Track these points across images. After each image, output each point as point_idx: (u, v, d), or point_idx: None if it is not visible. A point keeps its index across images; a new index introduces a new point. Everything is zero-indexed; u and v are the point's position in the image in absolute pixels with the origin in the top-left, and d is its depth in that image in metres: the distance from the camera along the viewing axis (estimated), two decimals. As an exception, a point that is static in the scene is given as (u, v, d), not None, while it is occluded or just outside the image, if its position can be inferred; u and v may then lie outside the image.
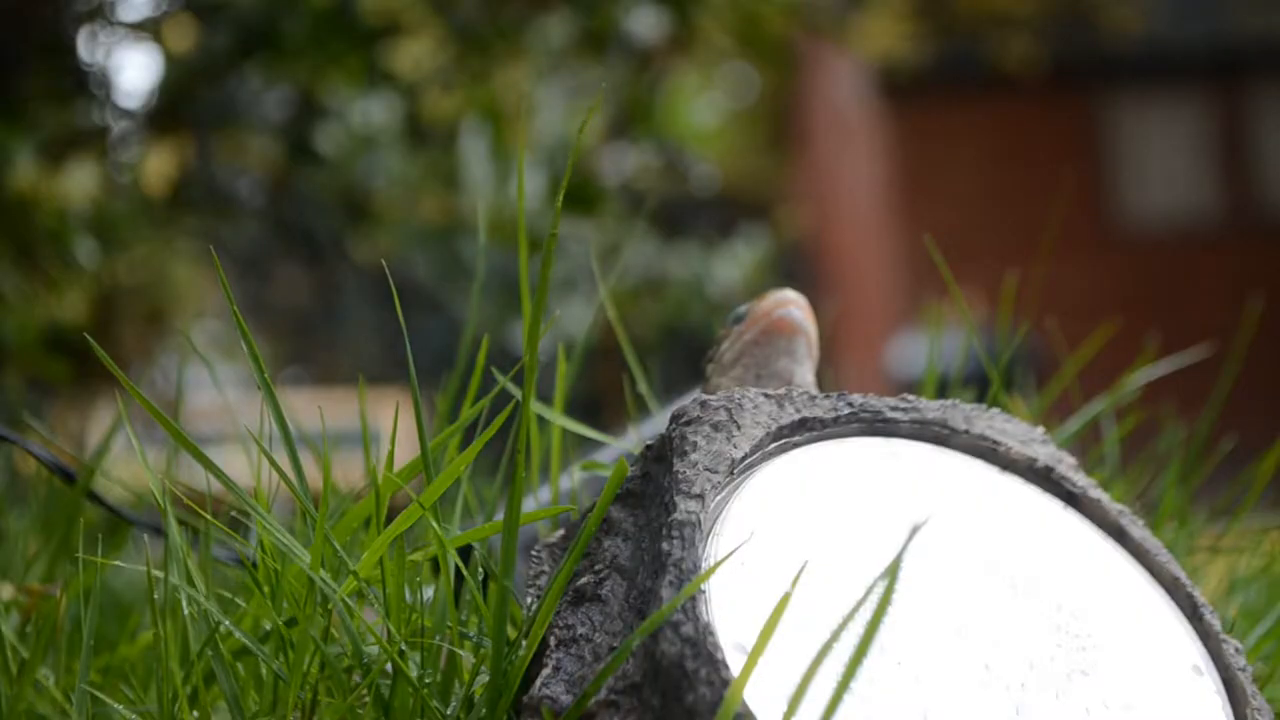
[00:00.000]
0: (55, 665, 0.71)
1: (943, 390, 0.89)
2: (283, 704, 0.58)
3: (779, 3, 2.77)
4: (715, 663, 0.50)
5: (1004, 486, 0.62)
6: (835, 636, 0.48)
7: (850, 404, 0.62)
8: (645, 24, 2.68)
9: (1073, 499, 0.63)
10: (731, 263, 3.06)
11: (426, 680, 0.58)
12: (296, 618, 0.60)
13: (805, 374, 0.71)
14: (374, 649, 0.60)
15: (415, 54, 2.69)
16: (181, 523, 0.65)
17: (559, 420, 0.74)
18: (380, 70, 2.43)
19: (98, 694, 0.63)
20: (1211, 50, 8.97)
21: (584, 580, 0.56)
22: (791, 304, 0.71)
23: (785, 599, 0.49)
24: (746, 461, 0.58)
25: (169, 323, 3.22)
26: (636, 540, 0.57)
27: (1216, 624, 0.60)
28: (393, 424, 0.64)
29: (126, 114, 2.63)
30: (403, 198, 2.54)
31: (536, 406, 0.68)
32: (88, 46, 2.56)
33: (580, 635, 0.55)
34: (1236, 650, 0.59)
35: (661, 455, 0.59)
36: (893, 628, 0.54)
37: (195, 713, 0.60)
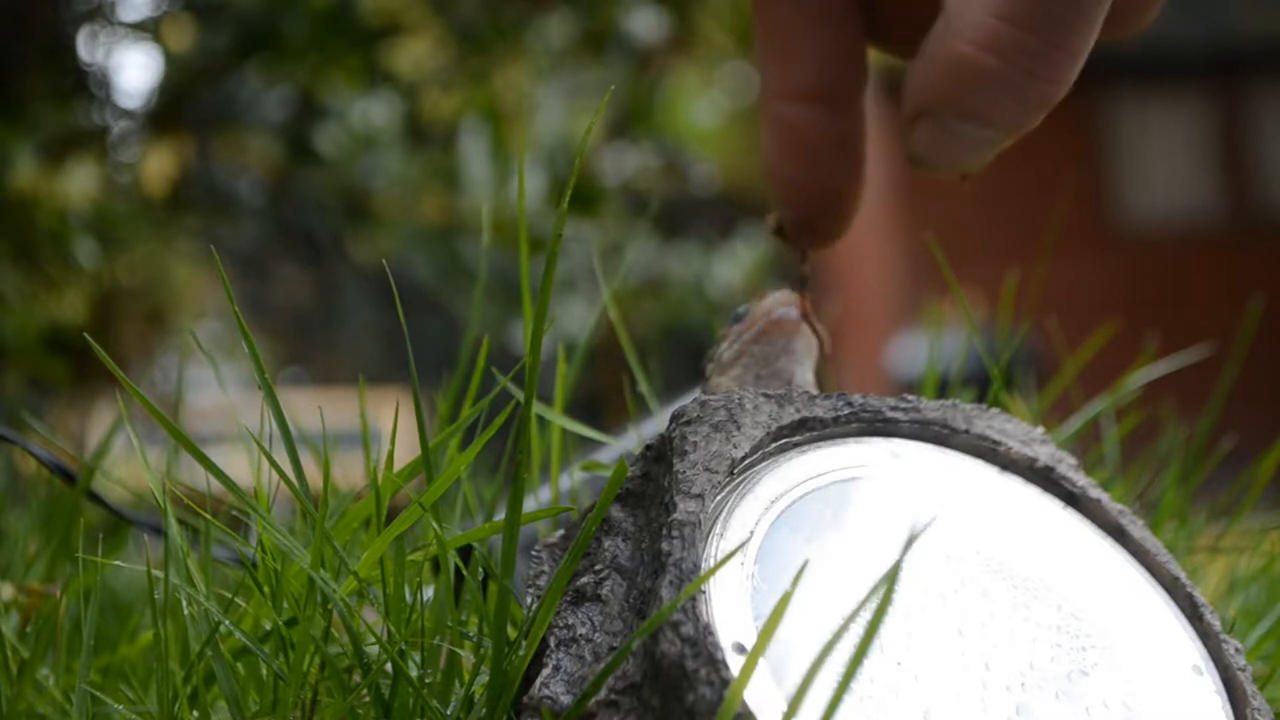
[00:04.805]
0: (55, 665, 0.71)
1: (943, 390, 0.89)
2: (283, 704, 0.58)
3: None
4: (715, 663, 0.50)
5: (1004, 486, 0.62)
6: (836, 637, 0.48)
7: (850, 404, 0.62)
8: (645, 24, 2.68)
9: (1073, 499, 0.63)
10: (731, 263, 3.06)
11: (426, 680, 0.58)
12: (296, 618, 0.60)
13: (805, 373, 0.70)
14: (374, 649, 0.60)
15: (415, 54, 2.69)
16: (181, 523, 0.65)
17: (557, 419, 0.74)
18: (380, 70, 2.44)
19: (98, 694, 0.63)
20: (1211, 50, 8.98)
21: (584, 580, 0.56)
22: (789, 304, 0.70)
23: (785, 599, 0.49)
24: (746, 461, 0.58)
25: (169, 323, 3.22)
26: (636, 540, 0.57)
27: (1216, 624, 0.60)
28: (393, 424, 0.64)
29: (126, 114, 2.63)
30: (403, 198, 2.54)
31: (537, 407, 0.68)
32: (88, 46, 2.57)
33: (580, 635, 0.55)
34: (1236, 650, 0.59)
35: (661, 455, 0.59)
36: (893, 628, 0.54)
37: (195, 713, 0.60)
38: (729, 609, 0.52)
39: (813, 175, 0.67)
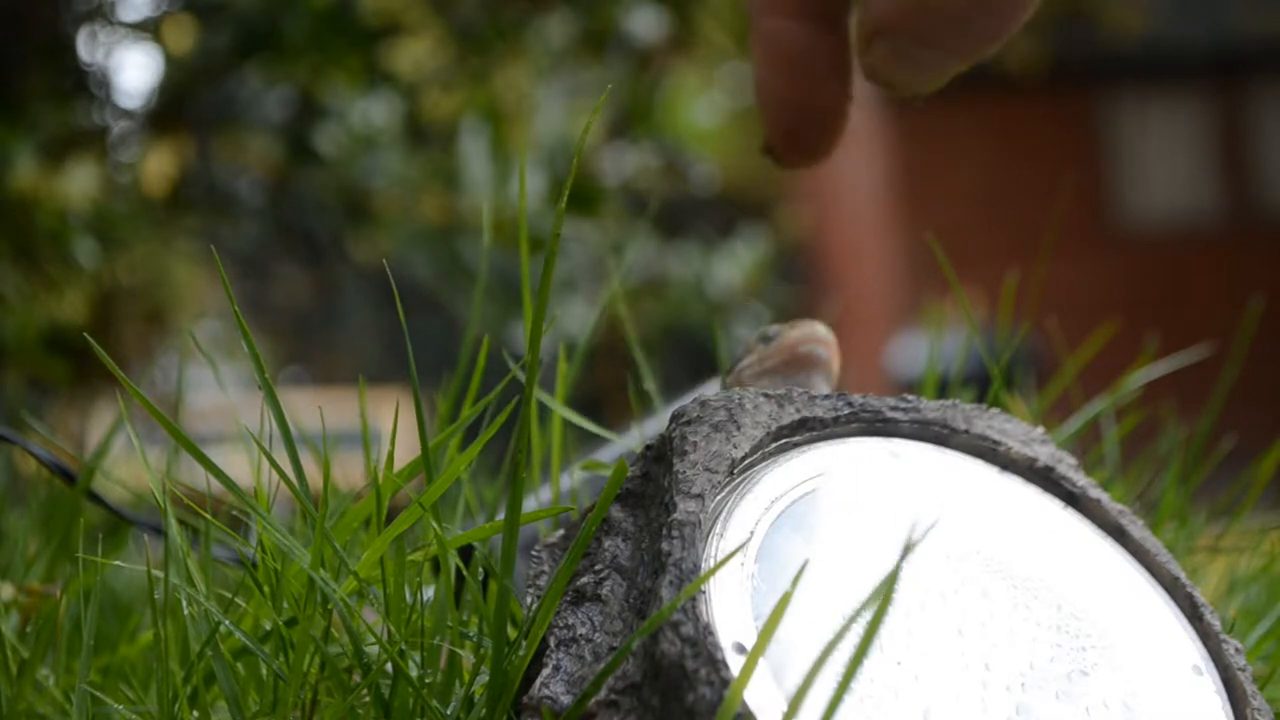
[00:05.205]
0: (55, 665, 0.71)
1: (943, 390, 0.89)
2: (283, 704, 0.58)
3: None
4: (715, 663, 0.50)
5: (1004, 486, 0.62)
6: (836, 637, 0.48)
7: (850, 404, 0.62)
8: (645, 24, 2.68)
9: (1073, 499, 0.63)
10: (731, 263, 3.06)
11: (426, 680, 0.58)
12: (296, 618, 0.60)
13: None
14: (374, 649, 0.60)
15: (415, 54, 2.69)
16: (181, 523, 0.65)
17: (561, 410, 0.74)
18: (380, 70, 2.43)
19: (98, 694, 0.63)
20: (1211, 50, 8.98)
21: (584, 580, 0.56)
22: (819, 342, 0.71)
23: (785, 599, 0.49)
24: (746, 461, 0.58)
25: (169, 323, 3.22)
26: (636, 540, 0.57)
27: (1216, 624, 0.60)
28: (393, 424, 0.64)
29: (126, 114, 2.63)
30: (403, 198, 2.54)
31: (538, 398, 0.68)
32: (88, 46, 2.57)
33: (580, 635, 0.55)
34: (1236, 650, 0.59)
35: (661, 455, 0.59)
36: (893, 628, 0.54)
37: (195, 713, 0.60)
38: (729, 609, 0.52)
39: (801, 90, 0.68)
